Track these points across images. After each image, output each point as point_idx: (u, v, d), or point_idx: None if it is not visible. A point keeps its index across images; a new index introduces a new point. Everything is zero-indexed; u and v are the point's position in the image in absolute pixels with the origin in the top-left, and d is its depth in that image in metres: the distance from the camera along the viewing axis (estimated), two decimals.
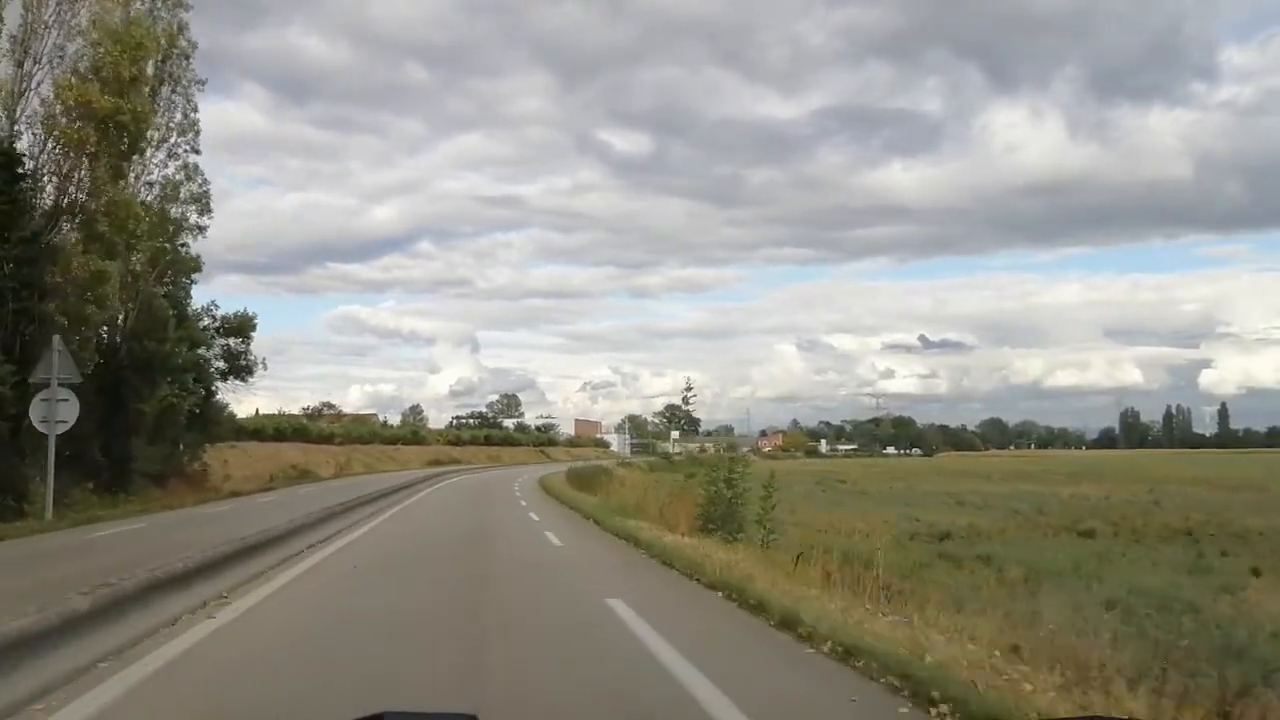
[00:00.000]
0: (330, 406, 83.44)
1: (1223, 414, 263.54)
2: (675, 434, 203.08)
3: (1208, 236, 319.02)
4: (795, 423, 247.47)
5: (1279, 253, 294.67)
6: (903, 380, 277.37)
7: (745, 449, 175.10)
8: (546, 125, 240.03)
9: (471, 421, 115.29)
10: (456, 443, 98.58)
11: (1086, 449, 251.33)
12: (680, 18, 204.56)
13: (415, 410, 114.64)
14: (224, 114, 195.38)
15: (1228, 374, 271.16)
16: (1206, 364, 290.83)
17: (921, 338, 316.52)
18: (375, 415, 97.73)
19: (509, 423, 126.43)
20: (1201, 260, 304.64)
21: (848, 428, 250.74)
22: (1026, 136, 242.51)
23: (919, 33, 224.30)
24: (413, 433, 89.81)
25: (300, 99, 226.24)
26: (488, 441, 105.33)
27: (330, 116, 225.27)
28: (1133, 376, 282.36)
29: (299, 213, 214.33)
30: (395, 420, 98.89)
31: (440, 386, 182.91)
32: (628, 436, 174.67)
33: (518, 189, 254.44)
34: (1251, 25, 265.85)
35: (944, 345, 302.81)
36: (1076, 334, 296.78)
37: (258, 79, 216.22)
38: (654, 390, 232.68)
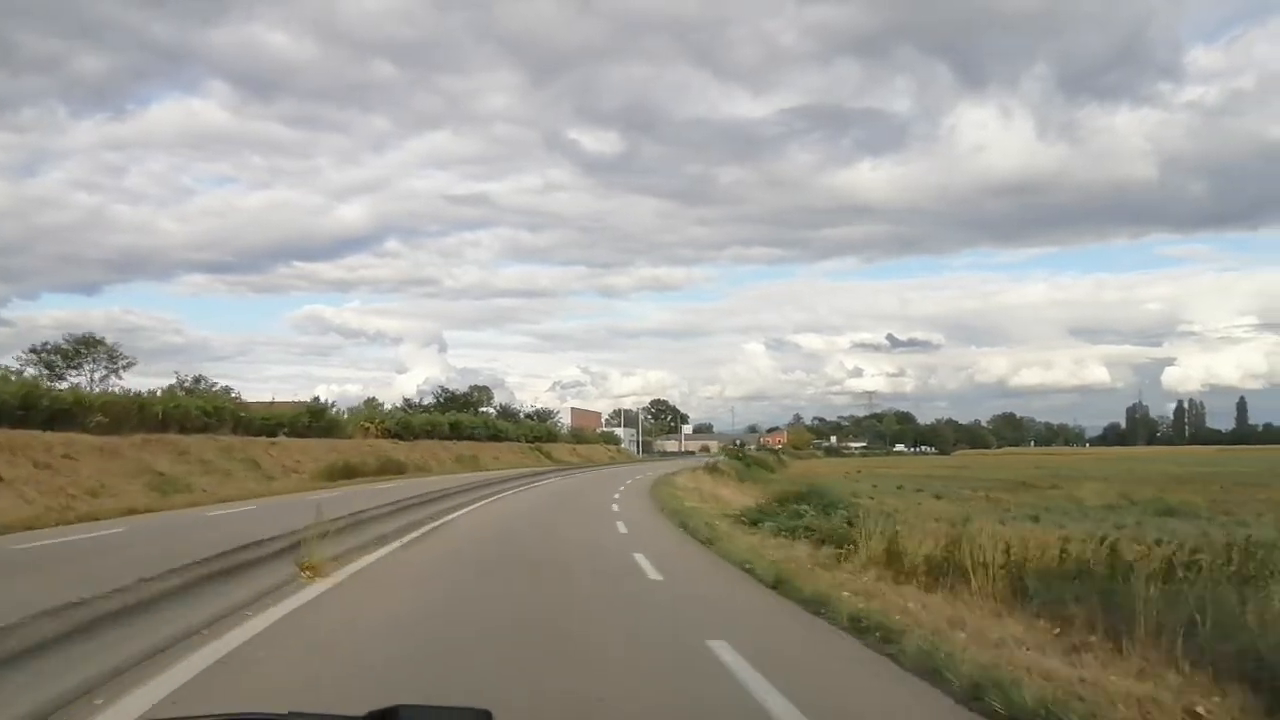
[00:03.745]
0: (93, 344, 37.23)
1: (1241, 408, 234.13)
2: (687, 429, 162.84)
3: (1171, 236, 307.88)
4: (797, 418, 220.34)
5: (1240, 252, 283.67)
6: (871, 379, 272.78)
7: (751, 447, 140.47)
8: (515, 123, 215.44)
9: (432, 406, 70.15)
10: (402, 434, 53.76)
11: (1090, 446, 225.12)
12: (650, 14, 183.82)
13: (371, 404, 71.53)
14: (189, 111, 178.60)
15: (1192, 371, 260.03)
16: (1170, 362, 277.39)
17: (889, 337, 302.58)
18: (319, 402, 50.77)
19: (488, 410, 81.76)
20: (1165, 260, 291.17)
21: (846, 424, 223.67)
22: (994, 136, 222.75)
23: (889, 31, 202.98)
24: (312, 416, 44.61)
25: (266, 96, 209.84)
26: (455, 433, 60.44)
27: (297, 114, 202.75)
28: (1098, 374, 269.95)
29: (264, 211, 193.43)
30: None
31: (408, 387, 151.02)
32: (637, 431, 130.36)
33: (486, 187, 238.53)
34: (1217, 26, 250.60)
35: (911, 344, 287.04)
36: (1042, 332, 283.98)
37: (223, 76, 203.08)
38: (624, 389, 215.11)
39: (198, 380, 42.81)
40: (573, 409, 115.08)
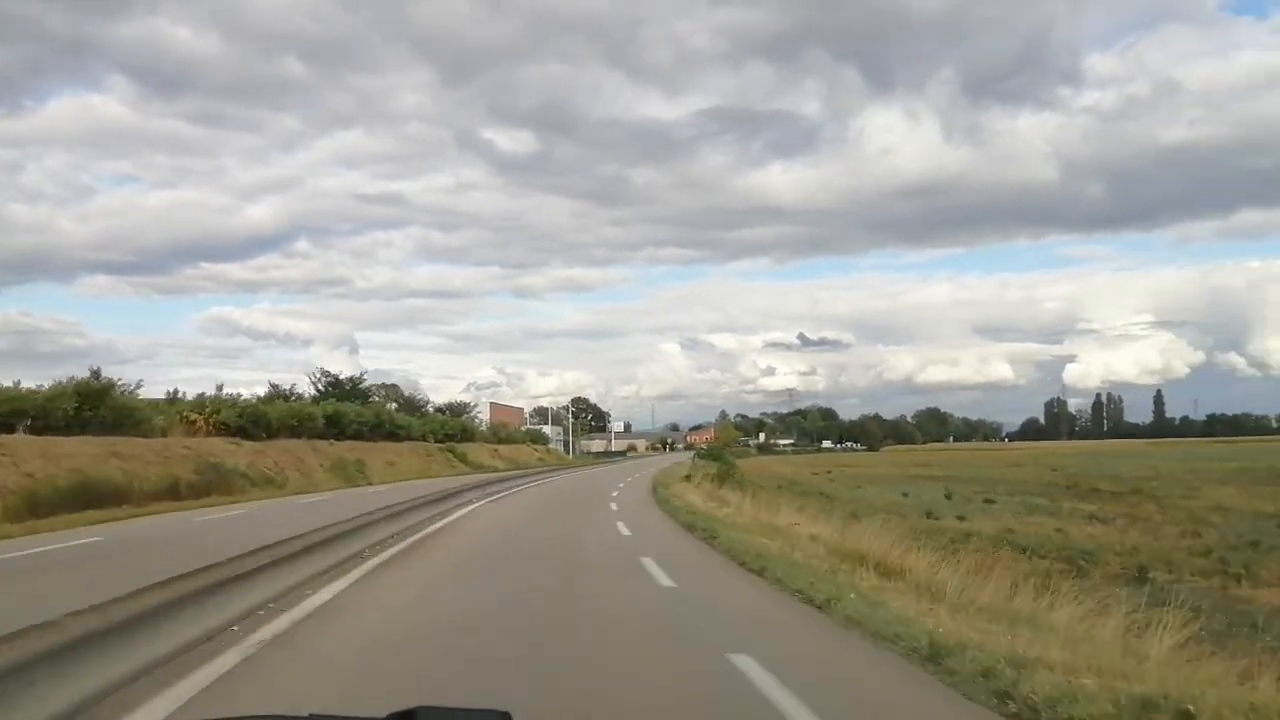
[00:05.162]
0: None
1: (1158, 401, 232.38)
2: (618, 426, 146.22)
3: (1071, 237, 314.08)
4: (724, 415, 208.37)
5: (1137, 252, 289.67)
6: (784, 377, 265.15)
7: (680, 445, 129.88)
8: (428, 122, 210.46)
9: (306, 391, 51.07)
10: (251, 430, 35.83)
11: (1010, 441, 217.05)
12: (564, 14, 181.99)
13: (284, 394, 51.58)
14: (88, 107, 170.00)
15: (1092, 368, 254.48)
16: (1071, 359, 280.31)
17: (800, 336, 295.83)
18: (98, 380, 30.81)
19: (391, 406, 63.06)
20: (1065, 260, 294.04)
21: (770, 420, 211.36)
22: (901, 139, 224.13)
23: (798, 34, 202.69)
24: (83, 400, 25.92)
25: (170, 93, 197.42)
26: (336, 429, 42.00)
27: (202, 111, 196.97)
28: (1002, 371, 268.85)
29: (169, 211, 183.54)
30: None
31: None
32: (566, 430, 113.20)
33: (398, 187, 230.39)
34: (1113, 33, 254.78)
35: (822, 343, 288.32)
36: (947, 331, 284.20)
37: (124, 71, 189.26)
38: (541, 390, 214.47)
39: None
40: (492, 404, 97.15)
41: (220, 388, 40.00)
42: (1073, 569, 17.99)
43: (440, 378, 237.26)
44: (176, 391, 40.90)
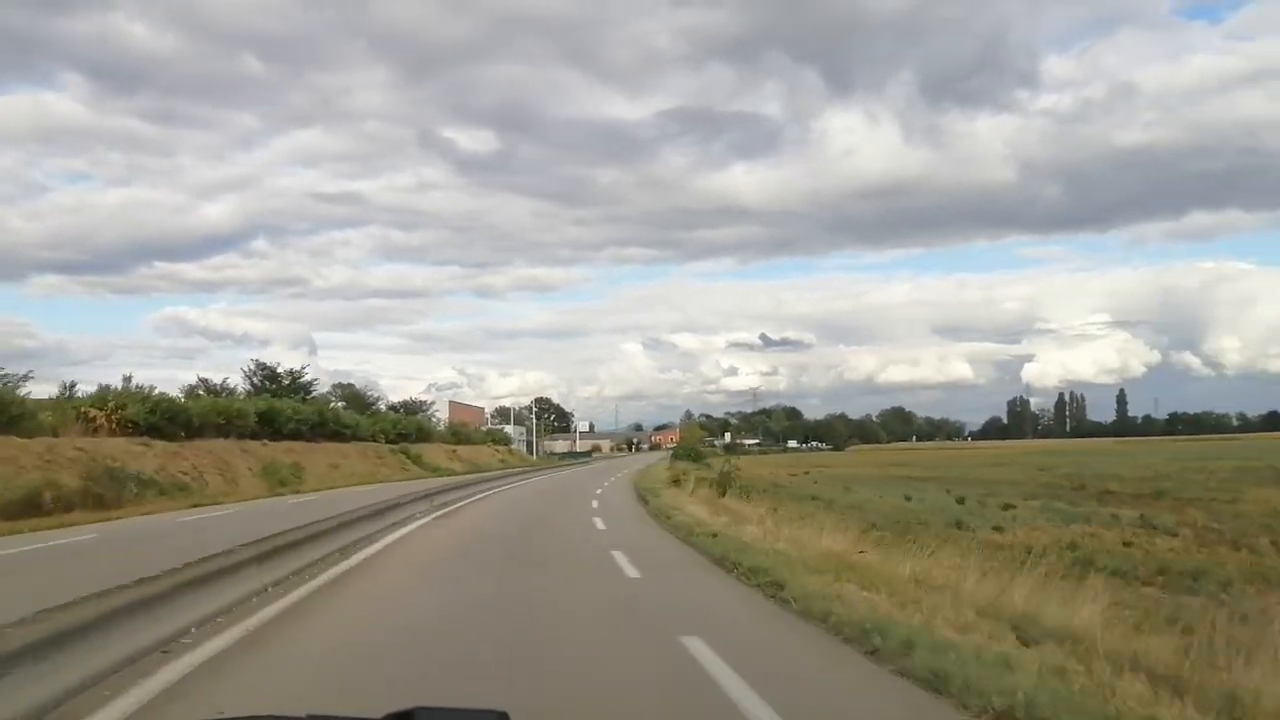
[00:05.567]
0: None
1: (1121, 400, 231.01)
2: (583, 426, 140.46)
3: (1029, 238, 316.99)
4: (689, 415, 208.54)
5: (1093, 253, 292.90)
6: (745, 377, 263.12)
7: (645, 445, 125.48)
8: (388, 121, 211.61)
9: (235, 382, 44.65)
10: (165, 429, 30.52)
11: (972, 440, 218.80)
12: (526, 14, 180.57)
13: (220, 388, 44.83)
14: (40, 104, 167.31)
15: (1050, 368, 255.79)
16: (1029, 358, 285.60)
17: (763, 336, 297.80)
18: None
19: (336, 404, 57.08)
20: (1023, 260, 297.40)
21: (735, 420, 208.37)
22: (862, 141, 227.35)
23: (758, 36, 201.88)
24: None
25: (125, 90, 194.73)
26: (271, 427, 36.48)
27: (158, 109, 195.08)
28: (961, 371, 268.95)
29: (123, 209, 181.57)
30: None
31: None
32: (530, 429, 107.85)
33: (357, 185, 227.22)
34: (1070, 35, 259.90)
35: (784, 343, 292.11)
36: (907, 331, 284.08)
37: (78, 67, 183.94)
38: (502, 390, 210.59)
39: None
40: (451, 402, 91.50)
41: (128, 379, 34.37)
42: (1214, 601, 13.41)
43: (400, 378, 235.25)
44: (74, 385, 35.07)
